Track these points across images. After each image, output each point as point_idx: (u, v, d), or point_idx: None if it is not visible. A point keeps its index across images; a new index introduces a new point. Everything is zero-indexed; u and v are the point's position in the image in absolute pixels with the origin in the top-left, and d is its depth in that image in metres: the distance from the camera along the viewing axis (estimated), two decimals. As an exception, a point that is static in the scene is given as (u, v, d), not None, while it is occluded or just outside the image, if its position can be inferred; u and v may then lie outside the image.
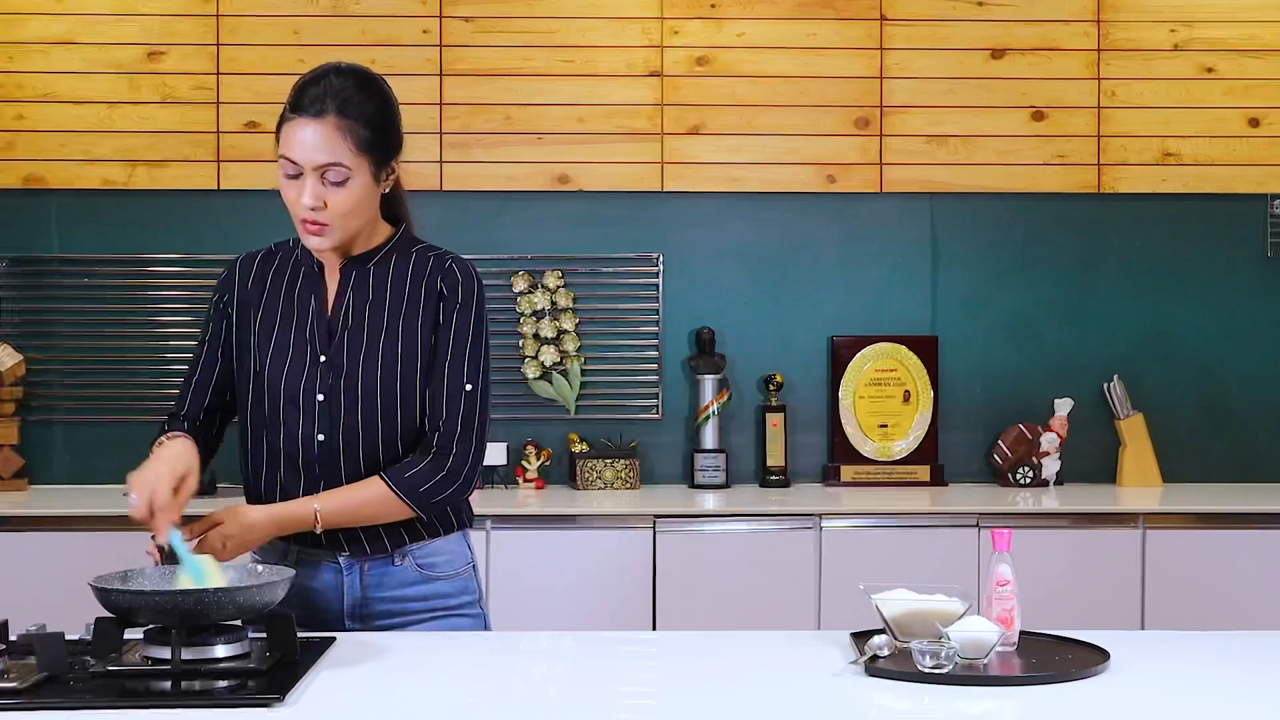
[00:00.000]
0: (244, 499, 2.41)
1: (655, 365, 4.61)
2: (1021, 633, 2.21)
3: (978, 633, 2.05)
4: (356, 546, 2.36)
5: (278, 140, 2.33)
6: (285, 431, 2.35)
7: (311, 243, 2.34)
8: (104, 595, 2.00)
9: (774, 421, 4.54)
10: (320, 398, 2.33)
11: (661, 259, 4.63)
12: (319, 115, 2.29)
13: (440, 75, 4.58)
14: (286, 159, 2.31)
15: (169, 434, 2.34)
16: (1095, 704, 1.90)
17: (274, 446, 2.36)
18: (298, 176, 2.31)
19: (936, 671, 1.98)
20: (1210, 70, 4.66)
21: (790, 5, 4.63)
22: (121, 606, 2.00)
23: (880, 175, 4.64)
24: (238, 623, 2.06)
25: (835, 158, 4.64)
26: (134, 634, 2.08)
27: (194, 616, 1.98)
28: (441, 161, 4.58)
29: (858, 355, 4.56)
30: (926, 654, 1.99)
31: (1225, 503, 4.21)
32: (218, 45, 4.56)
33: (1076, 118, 4.66)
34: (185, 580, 2.12)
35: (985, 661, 2.05)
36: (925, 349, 4.58)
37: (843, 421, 4.56)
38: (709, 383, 4.52)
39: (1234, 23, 4.66)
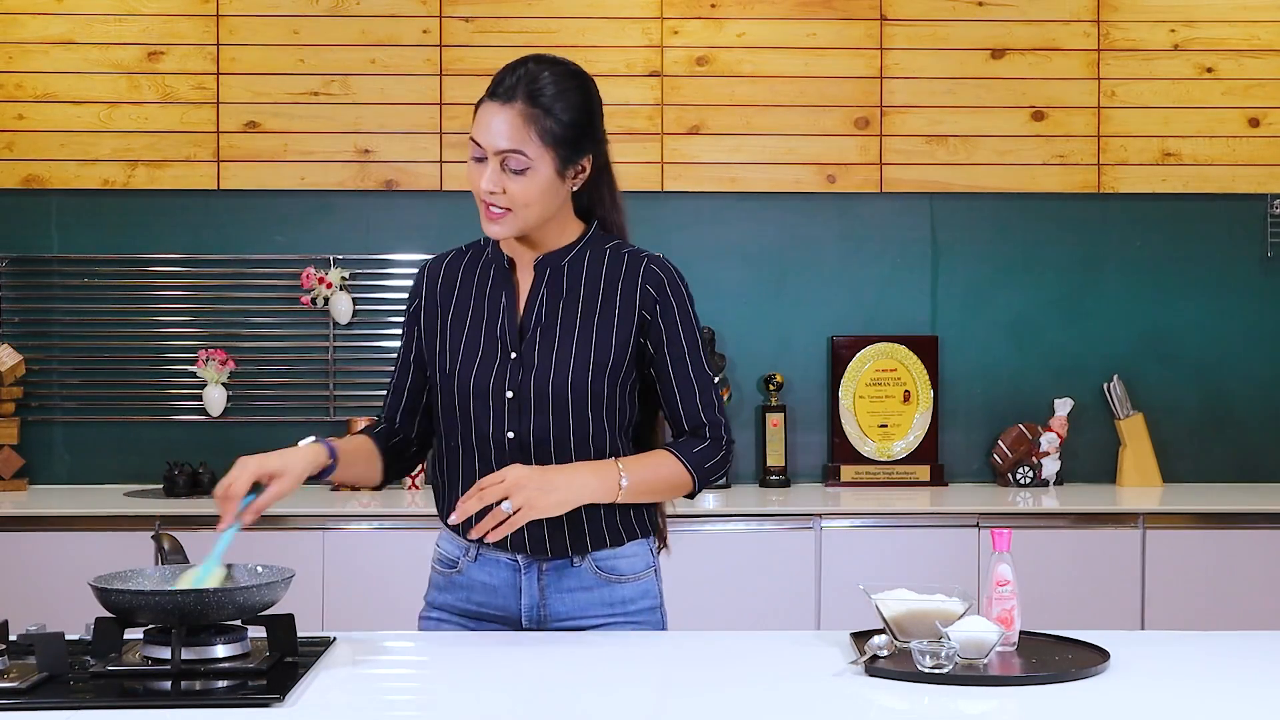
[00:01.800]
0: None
1: (655, 365, 4.60)
2: (1021, 633, 2.21)
3: (978, 633, 2.05)
4: (538, 548, 2.32)
5: (474, 122, 2.31)
6: (476, 430, 2.31)
7: (490, 229, 2.31)
8: (104, 595, 2.00)
9: (774, 421, 4.54)
10: (509, 394, 2.30)
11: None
12: (508, 101, 2.25)
13: (440, 75, 4.59)
14: (473, 140, 2.28)
15: (316, 438, 2.33)
16: (1095, 704, 1.90)
17: (466, 445, 2.33)
18: (482, 160, 2.27)
19: (936, 671, 1.98)
20: (1210, 70, 4.66)
21: (790, 5, 4.63)
22: (121, 606, 1.99)
23: (880, 175, 4.64)
24: (238, 623, 2.06)
25: (835, 158, 4.64)
26: (134, 634, 2.08)
27: (194, 616, 1.98)
28: (441, 161, 4.58)
29: (858, 355, 4.56)
30: (926, 654, 1.99)
31: (1225, 503, 4.21)
32: (218, 45, 4.56)
33: (1076, 118, 4.66)
34: (188, 577, 2.12)
35: (985, 661, 2.05)
36: (925, 349, 4.58)
37: (843, 421, 4.56)
38: (709, 383, 4.51)
39: (1234, 23, 4.66)
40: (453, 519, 2.20)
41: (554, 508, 2.22)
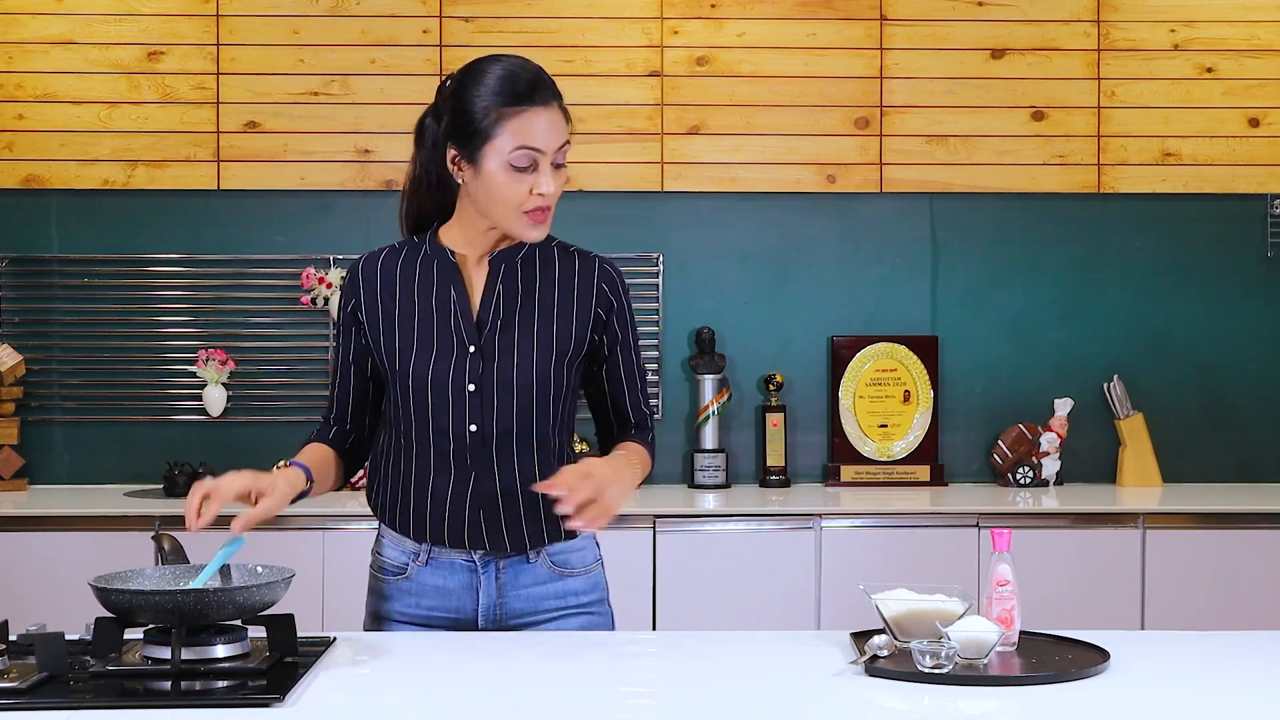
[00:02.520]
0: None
1: (655, 365, 4.61)
2: (1021, 633, 2.21)
3: (978, 633, 2.06)
4: (498, 544, 2.35)
5: (486, 139, 2.26)
6: (434, 424, 2.32)
7: (537, 233, 2.31)
8: (104, 595, 2.00)
9: (774, 421, 4.54)
10: (471, 388, 2.31)
11: (661, 259, 4.63)
12: (548, 102, 2.29)
13: (440, 75, 4.58)
14: (527, 150, 2.26)
15: (290, 461, 2.35)
16: (1095, 704, 1.90)
17: (422, 440, 2.34)
18: (528, 168, 2.27)
19: (936, 671, 1.98)
20: (1210, 70, 4.66)
21: (790, 5, 4.63)
22: (121, 606, 2.00)
23: (880, 175, 4.64)
24: (238, 623, 2.06)
25: (835, 158, 4.64)
26: (134, 634, 2.08)
27: (194, 616, 1.98)
28: (441, 161, 4.58)
29: (858, 355, 4.56)
30: (926, 654, 1.99)
31: (1225, 503, 4.22)
32: (218, 45, 4.56)
33: (1076, 118, 4.66)
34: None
35: (985, 661, 2.05)
36: (925, 349, 4.58)
37: (843, 421, 4.56)
38: (709, 383, 4.52)
39: (1234, 23, 4.66)
40: (565, 508, 2.15)
41: (623, 504, 2.26)
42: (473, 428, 2.31)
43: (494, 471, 2.32)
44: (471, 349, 2.33)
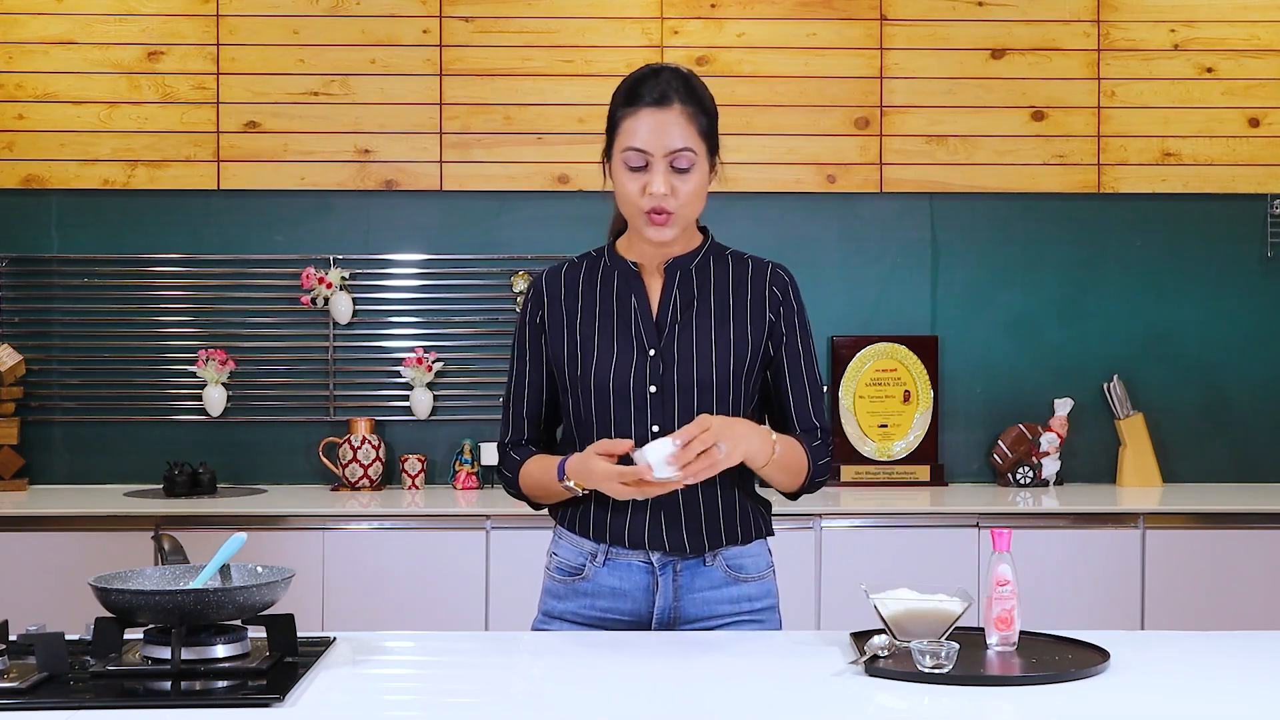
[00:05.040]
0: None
1: (655, 365, 4.61)
2: (1021, 633, 2.21)
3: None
4: (676, 546, 2.36)
5: (613, 139, 2.34)
6: (617, 426, 2.34)
7: (655, 235, 2.34)
8: (104, 595, 2.00)
9: (774, 421, 4.53)
10: (653, 390, 2.34)
11: (661, 259, 4.62)
12: (664, 104, 2.32)
13: (440, 75, 4.59)
14: (634, 150, 2.30)
15: (538, 455, 2.42)
16: (1095, 704, 1.90)
17: None
18: (642, 168, 2.31)
19: (936, 671, 1.98)
20: (1210, 70, 4.66)
21: (790, 5, 4.63)
22: (121, 606, 2.00)
23: (880, 175, 4.64)
24: (238, 623, 2.06)
25: (835, 158, 4.64)
26: (134, 634, 2.08)
27: (194, 616, 1.98)
28: (441, 161, 4.58)
29: (858, 355, 4.56)
30: (926, 654, 1.99)
31: (1225, 503, 4.21)
32: (218, 45, 4.56)
33: (1076, 118, 4.66)
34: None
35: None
36: (925, 349, 4.58)
37: (843, 421, 4.55)
38: (709, 383, 4.51)
39: (1234, 23, 4.66)
40: (684, 456, 2.17)
41: (738, 458, 2.25)
42: (654, 429, 2.34)
43: None
44: (651, 352, 2.36)
